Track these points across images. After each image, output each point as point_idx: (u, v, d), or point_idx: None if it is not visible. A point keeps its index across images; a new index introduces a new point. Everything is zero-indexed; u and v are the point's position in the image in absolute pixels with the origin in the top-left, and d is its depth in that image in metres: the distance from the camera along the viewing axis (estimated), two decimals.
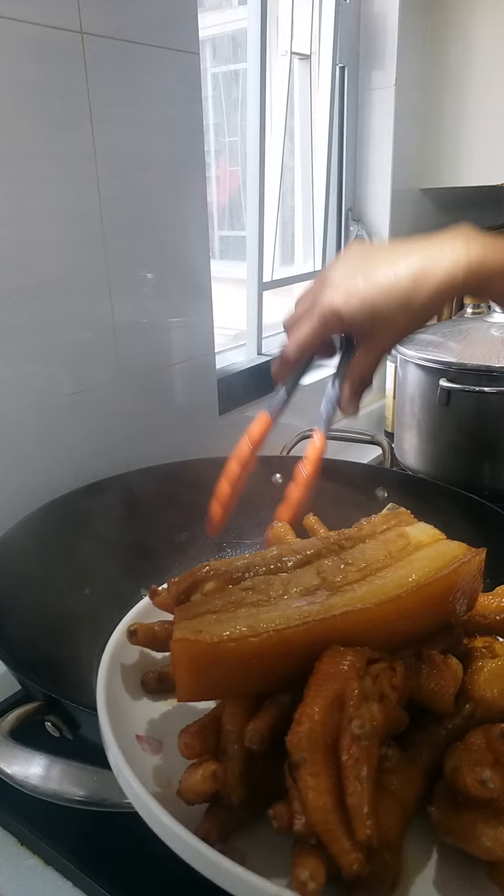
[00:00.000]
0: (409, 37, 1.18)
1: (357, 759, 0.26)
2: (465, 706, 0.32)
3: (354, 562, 0.36)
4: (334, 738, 0.27)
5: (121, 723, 0.34)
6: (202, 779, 0.28)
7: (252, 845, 0.28)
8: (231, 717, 0.30)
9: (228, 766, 0.29)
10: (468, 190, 1.35)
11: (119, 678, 0.38)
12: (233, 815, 0.29)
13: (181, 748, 0.30)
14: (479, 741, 0.29)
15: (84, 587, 0.63)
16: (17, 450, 0.68)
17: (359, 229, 1.29)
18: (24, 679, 0.45)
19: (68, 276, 0.69)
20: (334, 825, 0.25)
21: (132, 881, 0.44)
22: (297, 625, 0.30)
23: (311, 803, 0.25)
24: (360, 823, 0.25)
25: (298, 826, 0.26)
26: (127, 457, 0.77)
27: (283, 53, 1.04)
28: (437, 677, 0.31)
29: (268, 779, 0.29)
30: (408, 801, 0.29)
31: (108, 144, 0.69)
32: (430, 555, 0.36)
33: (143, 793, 0.29)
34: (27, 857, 0.48)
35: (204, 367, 0.90)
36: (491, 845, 0.26)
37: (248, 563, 0.37)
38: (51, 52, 0.62)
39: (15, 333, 0.65)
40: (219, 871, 0.26)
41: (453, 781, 0.28)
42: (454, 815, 0.28)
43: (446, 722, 0.32)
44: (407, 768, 0.30)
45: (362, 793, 0.25)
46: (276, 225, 1.07)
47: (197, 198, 0.82)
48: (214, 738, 0.30)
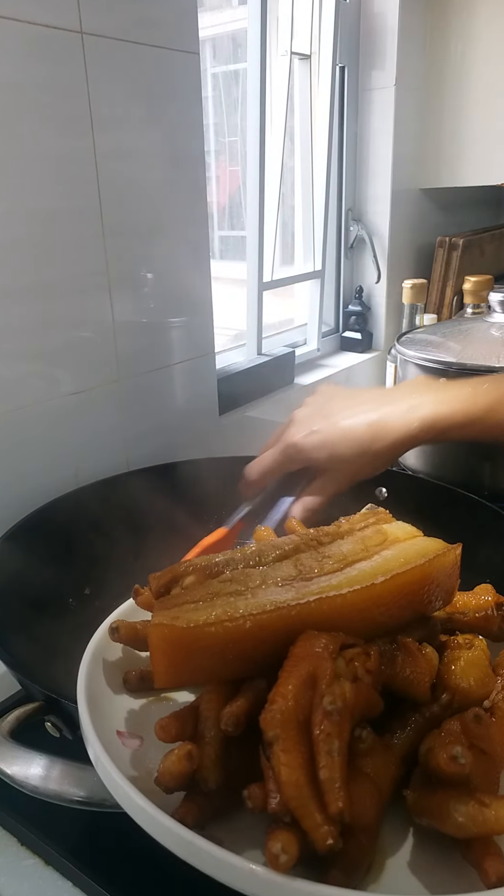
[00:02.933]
0: (409, 37, 1.18)
1: (329, 733, 0.26)
2: (441, 695, 0.32)
3: (332, 555, 0.36)
4: (307, 716, 0.27)
5: (101, 718, 0.34)
6: (177, 758, 0.28)
7: (229, 834, 0.29)
8: (208, 704, 0.31)
9: (205, 751, 0.30)
10: (468, 190, 1.35)
11: (101, 674, 0.38)
12: (210, 801, 0.29)
13: (157, 731, 0.30)
14: (455, 727, 0.29)
15: (84, 587, 0.63)
16: (17, 450, 0.68)
17: (359, 229, 1.29)
18: (24, 679, 0.45)
19: (68, 276, 0.69)
20: (307, 800, 0.25)
21: (132, 881, 0.44)
22: (272, 610, 0.31)
23: (284, 779, 0.26)
24: (332, 797, 0.25)
25: (273, 804, 0.26)
26: (127, 457, 0.77)
27: (283, 53, 1.04)
28: (413, 664, 0.32)
29: (244, 766, 0.29)
30: (384, 785, 0.29)
31: (108, 144, 0.69)
32: (405, 548, 0.37)
33: (122, 780, 0.29)
34: (27, 857, 0.48)
35: (204, 367, 0.90)
36: (463, 821, 0.26)
37: (228, 558, 0.38)
38: (51, 52, 0.62)
39: (15, 333, 0.65)
40: (193, 850, 0.26)
41: (427, 762, 0.29)
42: (428, 795, 0.28)
43: (423, 710, 0.32)
44: (383, 753, 0.30)
45: (334, 766, 0.26)
46: (276, 225, 1.07)
47: (197, 198, 0.82)
48: (192, 725, 0.31)
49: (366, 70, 1.21)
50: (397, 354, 1.01)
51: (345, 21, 1.13)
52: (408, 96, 1.23)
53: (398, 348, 0.96)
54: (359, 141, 1.26)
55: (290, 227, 1.22)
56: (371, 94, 1.22)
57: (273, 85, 1.05)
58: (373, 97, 1.22)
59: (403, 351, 0.96)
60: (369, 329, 1.34)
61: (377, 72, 1.20)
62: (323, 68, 1.11)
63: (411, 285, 1.24)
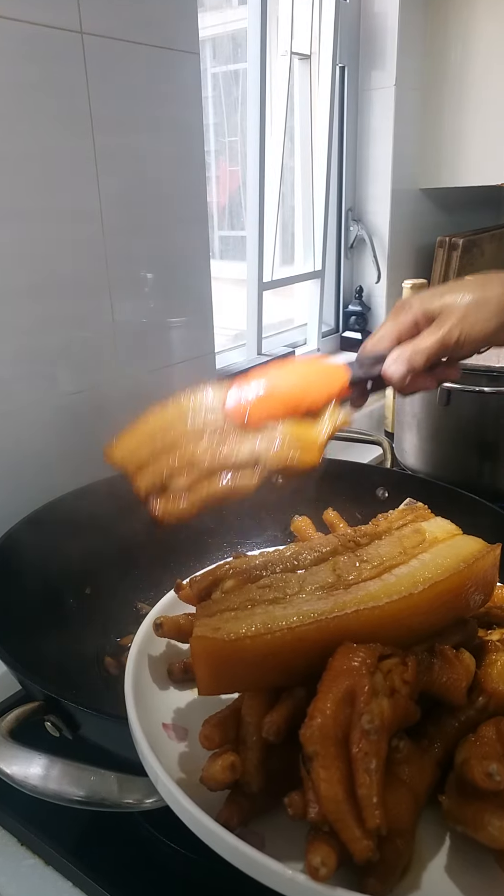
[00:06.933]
0: (409, 37, 1.18)
1: (367, 752, 0.27)
2: (478, 699, 0.33)
3: (370, 559, 0.36)
4: (345, 731, 0.28)
5: (147, 711, 0.35)
6: (221, 769, 0.29)
7: (271, 829, 0.30)
8: (250, 710, 0.31)
9: (247, 756, 0.30)
10: (468, 190, 1.35)
11: (146, 669, 0.39)
12: (252, 801, 0.30)
13: (201, 740, 0.31)
14: (490, 733, 0.30)
15: (84, 587, 0.63)
16: (17, 450, 0.68)
17: (359, 229, 1.29)
18: (24, 679, 0.45)
19: (68, 276, 0.69)
20: (345, 814, 0.26)
21: (132, 881, 0.44)
22: (311, 623, 0.31)
23: (324, 794, 0.26)
24: (369, 813, 0.26)
25: (312, 814, 0.27)
26: None
27: (283, 53, 1.04)
28: (450, 671, 0.32)
29: (286, 767, 0.30)
30: (420, 790, 0.30)
31: (108, 144, 0.69)
32: (444, 551, 0.36)
33: (168, 781, 0.30)
34: (27, 857, 0.48)
35: (204, 367, 0.90)
36: (498, 834, 0.27)
37: (266, 560, 0.38)
38: (51, 52, 0.62)
39: (15, 333, 0.65)
40: (237, 854, 0.27)
41: (463, 773, 0.29)
42: (464, 805, 0.29)
43: (459, 714, 0.33)
44: (419, 759, 0.31)
45: (371, 784, 0.27)
46: (276, 225, 1.07)
47: (197, 198, 0.82)
48: (234, 730, 0.32)
49: (366, 70, 1.21)
50: None
51: (345, 21, 1.13)
52: (408, 96, 1.23)
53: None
54: (359, 141, 1.26)
55: (290, 227, 1.22)
56: (371, 94, 1.22)
57: (273, 85, 1.05)
58: (373, 97, 1.22)
59: None
60: (369, 329, 1.34)
61: (377, 72, 1.20)
62: (323, 68, 1.11)
63: (411, 285, 1.24)
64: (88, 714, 0.41)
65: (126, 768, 0.37)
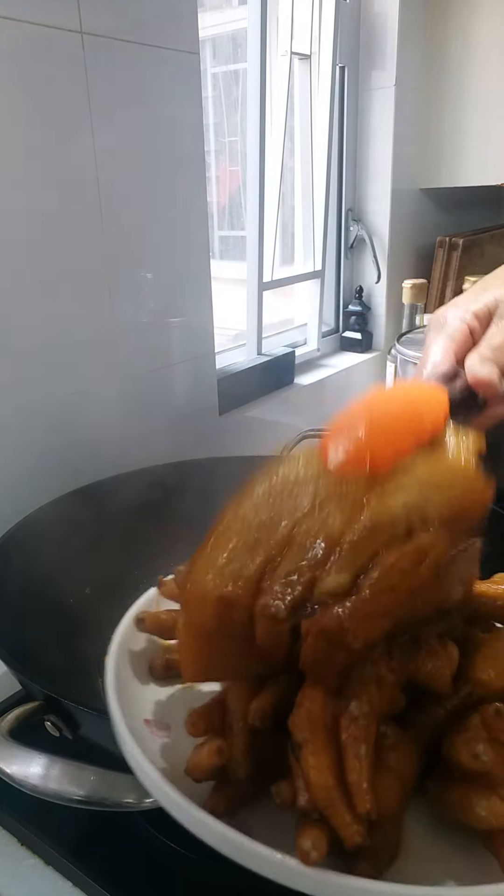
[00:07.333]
0: (409, 37, 1.18)
1: (356, 737, 0.27)
2: (463, 688, 0.33)
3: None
4: (334, 718, 0.28)
5: (130, 707, 0.35)
6: (207, 754, 0.29)
7: (259, 819, 0.30)
8: (235, 697, 0.31)
9: (233, 743, 0.30)
10: (468, 190, 1.35)
11: (128, 664, 0.39)
12: (239, 790, 0.30)
13: (188, 727, 0.31)
14: (476, 720, 0.30)
15: (84, 587, 0.63)
16: (17, 450, 0.68)
17: (359, 229, 1.29)
18: (24, 679, 0.45)
19: (68, 276, 0.69)
20: (335, 800, 0.26)
21: (132, 881, 0.44)
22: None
23: (313, 781, 0.26)
24: (359, 798, 0.26)
25: (302, 802, 0.27)
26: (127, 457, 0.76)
27: (283, 53, 1.04)
28: (434, 659, 0.32)
29: (272, 756, 0.30)
30: (407, 777, 0.30)
31: (108, 144, 0.69)
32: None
33: (153, 771, 0.30)
34: (27, 857, 0.48)
35: (204, 367, 0.90)
36: (485, 815, 0.28)
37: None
38: (51, 52, 0.62)
39: (15, 333, 0.65)
40: (225, 841, 0.27)
41: (449, 756, 0.29)
42: (451, 789, 0.29)
43: (445, 703, 0.33)
44: (407, 747, 0.31)
45: (361, 769, 0.27)
46: (276, 225, 1.07)
47: (197, 198, 0.82)
48: (220, 719, 0.32)
49: (366, 70, 1.21)
50: (397, 354, 1.01)
51: (345, 21, 1.13)
52: (408, 96, 1.23)
53: (398, 348, 0.96)
54: (359, 141, 1.26)
55: (290, 227, 1.22)
56: (371, 94, 1.22)
57: (273, 85, 1.05)
58: (373, 97, 1.22)
59: (403, 351, 0.96)
60: (369, 329, 1.34)
61: (377, 72, 1.20)
62: (323, 68, 1.11)
63: (411, 285, 1.24)
64: (88, 714, 0.41)
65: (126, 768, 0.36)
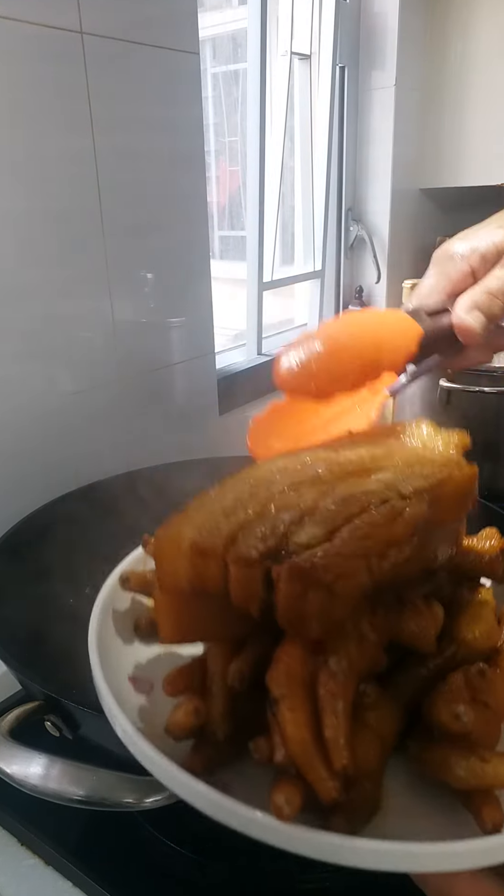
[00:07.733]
0: (409, 37, 1.18)
1: (334, 693, 0.27)
2: (447, 648, 0.33)
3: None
4: (313, 675, 0.28)
5: (112, 665, 0.35)
6: (185, 713, 0.29)
7: (236, 779, 0.30)
8: (214, 658, 0.31)
9: (213, 704, 0.30)
10: (468, 190, 1.35)
11: (111, 623, 0.39)
12: (218, 750, 0.30)
13: (165, 686, 0.31)
14: (458, 680, 0.30)
15: (84, 587, 0.63)
16: (17, 450, 0.68)
17: (359, 229, 1.29)
18: (24, 679, 0.45)
19: (68, 276, 0.69)
20: (312, 756, 0.26)
21: (132, 881, 0.44)
22: None
23: (290, 735, 0.26)
24: (336, 754, 0.26)
25: (278, 757, 0.27)
26: (127, 456, 0.76)
27: (283, 53, 1.04)
28: (419, 619, 0.32)
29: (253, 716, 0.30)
30: (387, 735, 0.30)
31: (108, 144, 0.69)
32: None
33: (132, 729, 0.30)
34: (27, 857, 0.48)
35: (204, 367, 0.90)
36: (464, 775, 0.28)
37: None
38: (51, 52, 0.62)
39: (15, 333, 0.65)
40: (200, 797, 0.27)
41: (430, 716, 0.29)
42: (431, 748, 0.29)
43: (428, 662, 0.33)
44: (388, 705, 0.31)
45: (338, 725, 0.27)
46: (276, 225, 1.07)
47: (197, 198, 0.82)
48: (199, 679, 0.31)
49: (366, 70, 1.21)
50: None
51: (345, 21, 1.13)
52: (408, 96, 1.23)
53: None
54: (359, 141, 1.26)
55: (290, 227, 1.22)
56: (371, 94, 1.22)
57: (273, 85, 1.05)
58: (373, 97, 1.22)
59: None
60: None
61: (377, 72, 1.20)
62: (323, 68, 1.11)
63: (411, 285, 1.24)
64: (88, 714, 0.41)
65: (126, 768, 0.37)
